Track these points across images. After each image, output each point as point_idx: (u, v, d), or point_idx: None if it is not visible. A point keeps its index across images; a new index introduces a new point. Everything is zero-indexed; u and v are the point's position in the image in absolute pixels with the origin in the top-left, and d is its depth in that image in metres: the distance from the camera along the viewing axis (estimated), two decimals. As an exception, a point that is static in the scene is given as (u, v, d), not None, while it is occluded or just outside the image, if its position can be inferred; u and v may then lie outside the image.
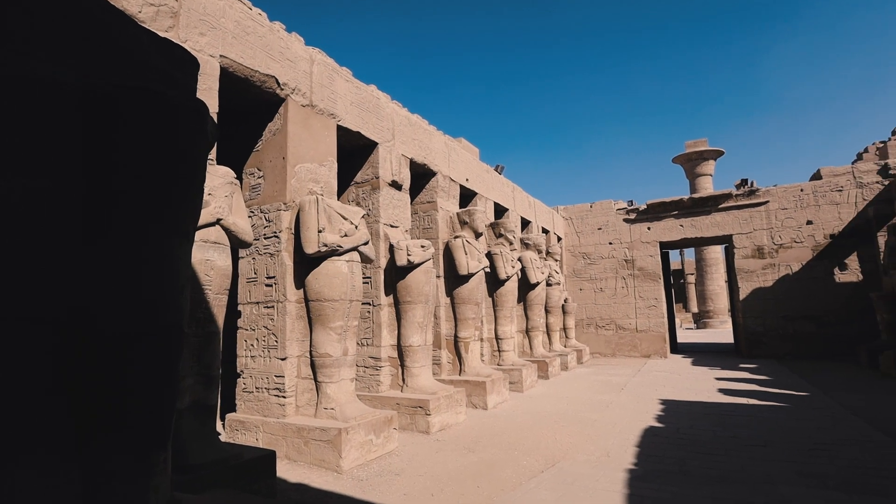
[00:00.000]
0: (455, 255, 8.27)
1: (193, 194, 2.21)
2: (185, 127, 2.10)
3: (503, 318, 10.02)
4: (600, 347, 15.68)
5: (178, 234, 2.06)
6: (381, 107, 7.15)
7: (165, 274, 1.99)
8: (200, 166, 2.31)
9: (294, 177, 5.51)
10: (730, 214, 14.56)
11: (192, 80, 2.41)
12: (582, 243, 16.45)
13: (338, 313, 5.23)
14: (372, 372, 6.65)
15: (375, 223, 6.88)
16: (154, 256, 1.94)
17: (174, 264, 2.04)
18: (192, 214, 2.19)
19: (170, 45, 2.20)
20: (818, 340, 13.08)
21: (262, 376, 5.28)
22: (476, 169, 10.31)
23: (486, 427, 6.42)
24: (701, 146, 25.24)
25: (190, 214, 2.18)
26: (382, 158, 7.04)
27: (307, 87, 5.83)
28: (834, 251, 13.28)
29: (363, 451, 4.90)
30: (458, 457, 5.14)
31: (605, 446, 5.38)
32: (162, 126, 1.99)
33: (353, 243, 5.40)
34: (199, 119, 2.21)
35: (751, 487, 4.07)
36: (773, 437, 5.55)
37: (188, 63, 2.33)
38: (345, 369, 5.33)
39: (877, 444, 5.20)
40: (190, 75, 2.40)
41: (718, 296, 28.08)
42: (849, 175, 13.40)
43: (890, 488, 3.95)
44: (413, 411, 6.17)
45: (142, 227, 1.85)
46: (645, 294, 15.38)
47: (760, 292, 13.96)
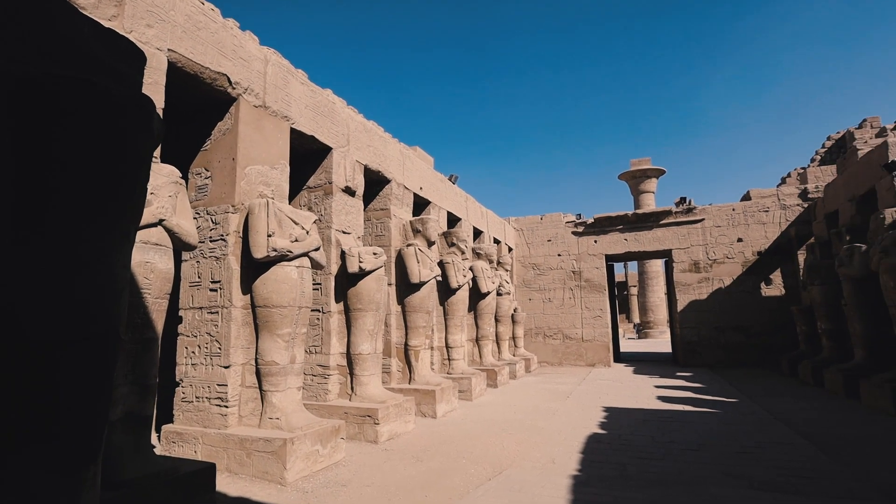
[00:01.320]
0: (407, 262, 8.27)
1: (135, 194, 2.11)
2: (129, 123, 2.01)
3: (454, 327, 10.08)
4: (548, 356, 16.05)
5: (118, 235, 1.96)
6: (336, 111, 7.08)
7: (102, 276, 1.88)
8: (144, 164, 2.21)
9: (244, 179, 5.34)
10: (670, 230, 15.36)
11: (137, 73, 2.31)
12: (532, 254, 16.84)
13: (286, 320, 5.09)
14: (320, 380, 6.51)
15: (327, 229, 6.78)
16: (90, 258, 1.84)
17: (112, 267, 1.93)
18: (133, 214, 2.09)
19: (114, 35, 2.11)
20: (747, 350, 13.97)
21: (203, 385, 5.05)
22: (430, 178, 10.37)
23: (436, 436, 6.41)
24: (645, 164, 26.52)
25: (131, 214, 2.08)
26: (336, 164, 6.96)
27: (260, 87, 5.69)
28: (761, 267, 14.29)
29: (309, 461, 4.78)
30: (407, 466, 5.11)
31: (551, 453, 5.50)
32: (104, 121, 1.90)
33: (303, 249, 5.29)
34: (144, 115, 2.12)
35: (685, 489, 4.28)
36: (705, 442, 5.86)
37: (134, 56, 2.23)
38: (292, 378, 5.19)
39: (796, 446, 5.60)
40: (136, 69, 2.30)
41: (658, 307, 29.47)
42: (774, 197, 14.48)
43: (806, 487, 4.27)
44: (361, 420, 6.08)
45: (78, 227, 1.75)
46: (591, 305, 15.91)
47: (696, 304, 14.77)
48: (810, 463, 4.97)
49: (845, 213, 10.80)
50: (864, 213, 9.86)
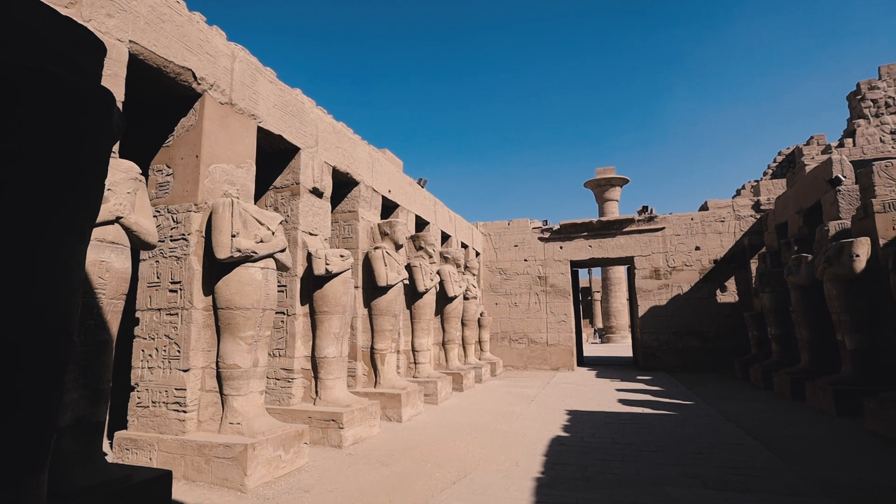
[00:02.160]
0: (374, 265, 8.22)
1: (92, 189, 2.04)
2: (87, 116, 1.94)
3: (420, 331, 10.07)
4: (513, 360, 16.22)
5: (73, 232, 1.89)
6: (305, 112, 6.99)
7: (54, 275, 1.81)
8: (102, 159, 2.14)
9: (208, 177, 5.20)
10: (632, 238, 15.82)
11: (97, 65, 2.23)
12: (499, 259, 17.01)
13: (249, 322, 4.98)
14: (283, 384, 6.38)
15: (294, 230, 6.67)
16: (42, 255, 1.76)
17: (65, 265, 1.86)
18: (89, 211, 2.02)
19: (73, 25, 2.03)
20: (703, 354, 14.51)
21: (160, 389, 4.87)
22: (399, 181, 10.35)
23: (401, 440, 6.38)
24: (609, 173, 27.22)
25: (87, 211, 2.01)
26: (304, 164, 6.86)
27: (227, 84, 5.56)
28: (717, 275, 14.89)
29: (271, 467, 4.68)
30: (371, 471, 5.07)
31: (515, 456, 5.57)
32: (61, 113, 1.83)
33: (268, 250, 5.19)
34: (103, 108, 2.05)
35: (643, 489, 4.41)
36: (663, 443, 6.05)
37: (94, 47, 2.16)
38: (254, 381, 5.07)
39: (746, 446, 5.86)
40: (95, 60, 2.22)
41: (621, 312, 30.24)
42: (729, 208, 15.13)
43: (755, 485, 4.48)
44: (326, 425, 5.99)
45: (32, 223, 1.68)
46: (556, 310, 16.19)
47: (656, 310, 15.25)
48: (759, 462, 5.20)
49: (794, 225, 11.40)
50: (811, 225, 10.43)
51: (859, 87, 21.15)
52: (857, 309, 7.87)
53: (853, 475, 4.71)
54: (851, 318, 7.91)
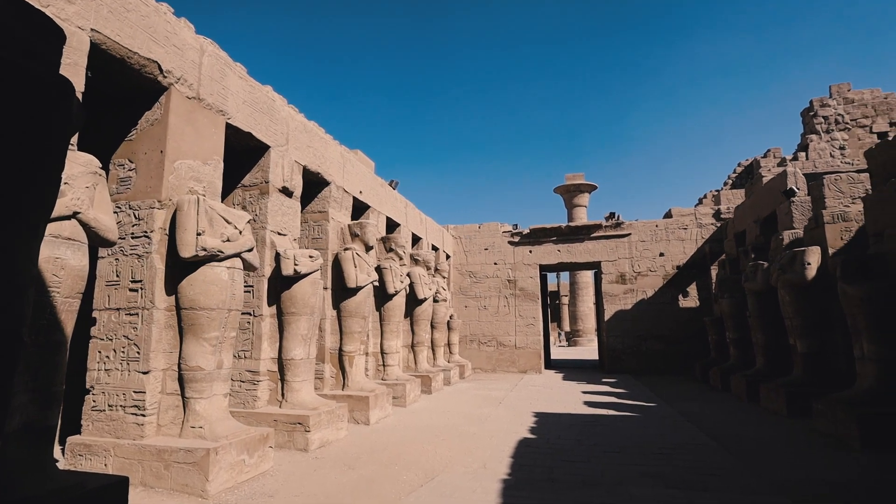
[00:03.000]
0: (344, 267, 8.14)
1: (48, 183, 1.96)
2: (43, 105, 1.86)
3: (390, 333, 10.02)
4: (482, 363, 16.31)
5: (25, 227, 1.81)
6: (276, 109, 6.87)
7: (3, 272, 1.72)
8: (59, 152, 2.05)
9: (173, 173, 5.05)
10: (599, 243, 16.17)
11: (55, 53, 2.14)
12: (469, 262, 17.10)
13: (214, 323, 4.85)
14: (249, 386, 6.23)
15: (262, 229, 6.54)
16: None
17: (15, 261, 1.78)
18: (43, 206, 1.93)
19: (29, 9, 1.95)
20: (665, 357, 14.94)
21: (117, 392, 4.69)
22: (371, 182, 10.29)
23: (368, 443, 6.33)
24: (578, 180, 27.75)
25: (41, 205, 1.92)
26: (274, 163, 6.74)
27: (195, 78, 5.42)
28: (679, 280, 15.37)
29: (234, 472, 4.56)
30: (338, 474, 5.00)
31: (483, 458, 5.60)
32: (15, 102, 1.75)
33: (235, 249, 5.07)
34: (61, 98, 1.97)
35: (607, 490, 4.50)
36: (626, 444, 6.20)
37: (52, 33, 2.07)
38: (218, 384, 4.94)
39: (704, 446, 6.06)
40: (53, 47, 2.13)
41: (588, 316, 30.83)
42: (692, 216, 15.66)
43: (712, 484, 4.64)
44: (292, 428, 5.88)
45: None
46: (525, 313, 16.37)
47: (621, 314, 15.62)
48: (717, 462, 5.39)
49: (751, 233, 11.88)
50: (767, 234, 10.89)
51: (812, 104, 22.25)
52: (808, 314, 8.26)
53: (803, 474, 4.94)
54: (803, 323, 8.30)
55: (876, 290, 6.37)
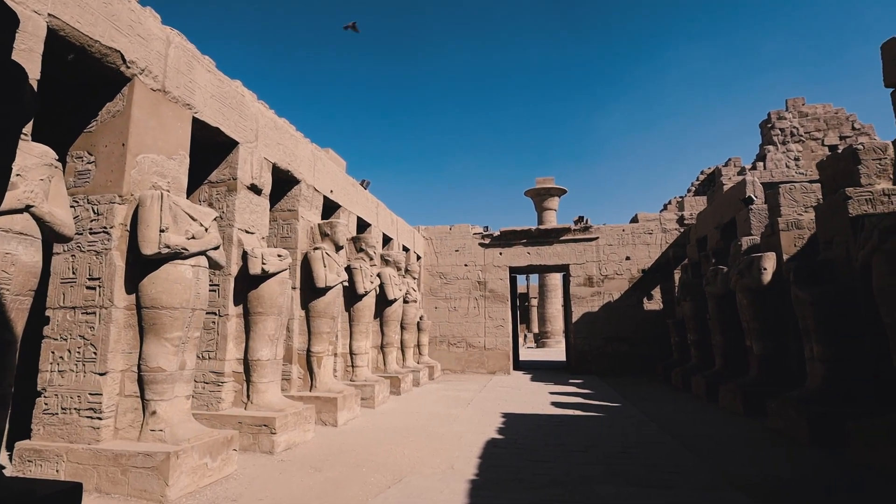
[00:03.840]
0: (313, 266, 8.03)
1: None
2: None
3: (359, 334, 9.93)
4: (451, 364, 16.35)
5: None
6: (245, 104, 6.72)
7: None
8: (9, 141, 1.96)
9: (135, 167, 4.88)
10: (568, 246, 16.45)
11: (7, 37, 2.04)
12: (440, 263, 17.12)
13: (177, 323, 4.70)
14: (213, 388, 6.07)
15: (229, 227, 6.38)
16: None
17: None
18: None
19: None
20: (630, 359, 15.32)
21: (72, 394, 4.49)
22: (342, 181, 10.18)
23: (336, 444, 6.26)
24: (548, 183, 28.17)
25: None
26: (242, 159, 6.60)
27: (160, 70, 5.25)
28: (644, 283, 15.79)
29: (196, 476, 4.43)
30: (304, 477, 4.93)
31: (451, 459, 5.61)
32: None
33: (200, 247, 4.94)
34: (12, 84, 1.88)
35: (572, 488, 4.59)
36: (592, 444, 6.33)
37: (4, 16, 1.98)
38: (180, 385, 4.79)
39: (666, 445, 6.25)
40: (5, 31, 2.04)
41: (556, 318, 31.31)
42: (657, 221, 16.12)
43: (673, 481, 4.78)
44: (257, 430, 5.76)
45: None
46: (494, 314, 16.50)
47: (588, 316, 15.93)
48: (678, 460, 5.56)
49: (712, 239, 12.32)
50: (727, 239, 11.31)
51: (770, 116, 23.25)
52: (764, 317, 8.62)
53: (758, 470, 5.15)
54: (759, 325, 8.66)
55: (825, 295, 6.71)
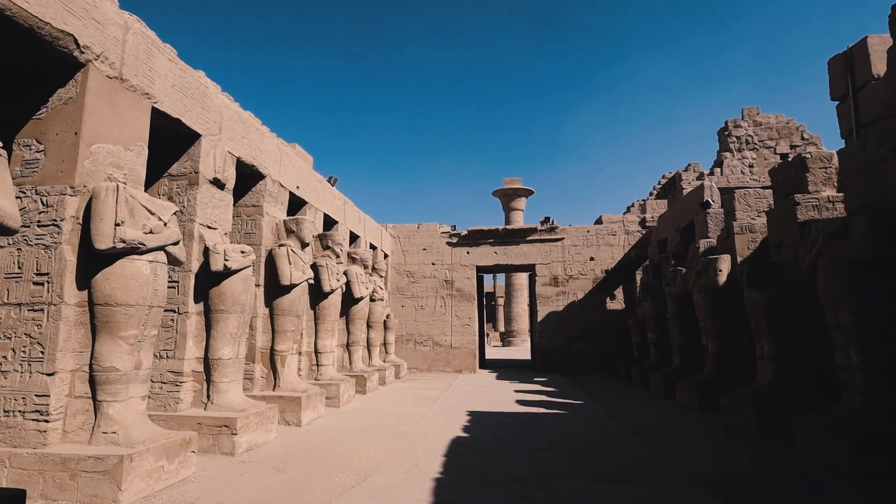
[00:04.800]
0: (278, 263, 7.87)
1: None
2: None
3: (324, 332, 9.80)
4: (418, 363, 16.34)
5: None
6: (208, 96, 6.52)
7: None
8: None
9: (89, 158, 4.65)
10: (534, 246, 16.70)
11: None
12: (407, 262, 17.08)
13: (133, 320, 4.52)
14: (171, 388, 5.86)
15: (190, 222, 6.18)
16: None
17: None
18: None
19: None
20: (593, 357, 15.68)
21: (16, 396, 4.25)
22: (308, 178, 10.02)
23: (299, 444, 6.16)
24: (516, 184, 28.51)
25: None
26: (205, 152, 6.40)
27: (117, 57, 5.03)
28: (607, 284, 16.19)
29: (151, 479, 4.28)
30: (266, 478, 4.83)
31: (416, 458, 5.61)
32: None
33: (159, 242, 4.76)
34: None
35: (535, 485, 4.66)
36: (555, 441, 6.45)
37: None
38: (135, 385, 4.61)
39: (626, 441, 6.43)
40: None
41: (522, 317, 31.73)
42: (620, 223, 16.55)
43: (632, 476, 4.93)
44: (217, 431, 5.60)
45: None
46: (461, 313, 16.58)
47: (553, 315, 16.21)
48: (637, 455, 5.74)
49: (672, 241, 12.75)
50: (686, 242, 11.73)
51: (727, 124, 24.22)
52: (719, 317, 8.98)
53: (712, 463, 5.37)
54: (714, 325, 9.02)
55: (775, 296, 7.05)
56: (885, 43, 5.90)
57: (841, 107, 6.71)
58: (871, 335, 5.20)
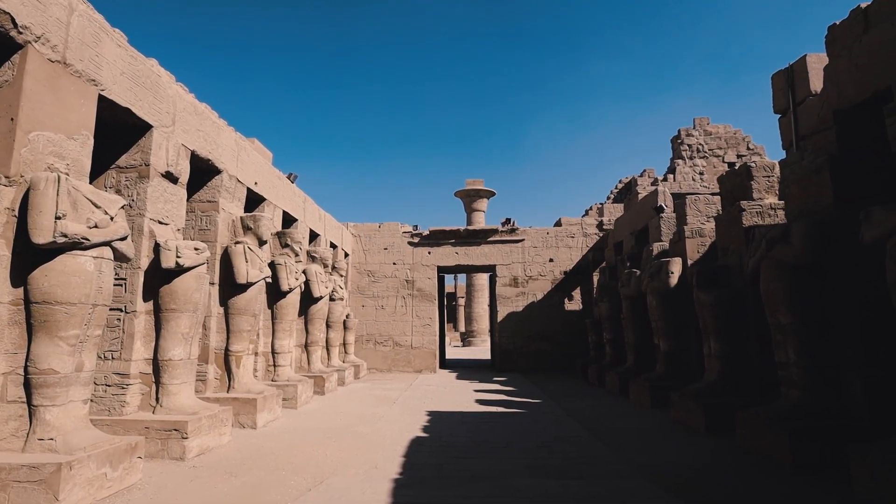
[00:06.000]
0: (234, 261, 7.63)
1: None
2: None
3: (282, 332, 9.58)
4: (378, 363, 16.20)
5: None
6: (161, 86, 6.24)
7: None
8: None
9: (27, 146, 4.37)
10: (496, 247, 16.88)
11: None
12: (368, 261, 16.92)
13: (74, 320, 4.27)
14: (116, 391, 5.58)
15: (140, 217, 5.90)
16: None
17: None
18: None
19: None
20: (551, 356, 16.00)
21: (-61, 401, 3.93)
22: (267, 174, 9.76)
23: (254, 447, 5.99)
24: (478, 185, 28.72)
25: None
26: (157, 144, 6.12)
27: (60, 39, 4.74)
28: (566, 285, 16.56)
29: (93, 488, 4.05)
30: (218, 483, 4.67)
31: (374, 459, 5.57)
32: None
33: (104, 237, 4.52)
34: None
35: (493, 483, 4.71)
36: (513, 439, 6.54)
37: None
38: (76, 388, 4.36)
39: (582, 438, 6.60)
40: None
41: (482, 317, 31.99)
42: (579, 226, 16.97)
43: (587, 472, 5.06)
44: (167, 435, 5.37)
45: None
46: (421, 313, 16.56)
47: (513, 316, 16.44)
48: (592, 452, 5.90)
49: (627, 244, 13.17)
50: (641, 245, 12.14)
51: (680, 133, 25.24)
52: (670, 317, 9.35)
53: (660, 458, 5.58)
54: (666, 325, 9.38)
55: (721, 297, 7.41)
56: (822, 62, 6.30)
57: (783, 120, 7.11)
58: (807, 334, 5.54)
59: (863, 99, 5.29)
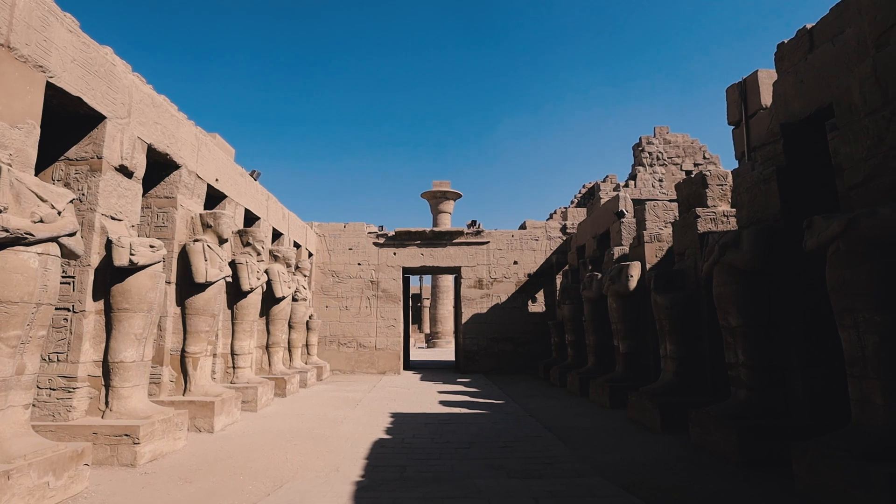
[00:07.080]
0: (193, 260, 7.38)
1: None
2: None
3: (242, 333, 9.33)
4: (341, 364, 16.00)
5: None
6: (116, 75, 5.99)
7: None
8: None
9: (-34, 134, 4.10)
10: (461, 249, 16.97)
11: None
12: (333, 261, 16.70)
13: (15, 319, 4.03)
14: (61, 395, 5.30)
15: (91, 212, 5.63)
16: None
17: None
18: None
19: None
20: (515, 358, 16.20)
21: None
22: (229, 170, 9.50)
23: (211, 452, 5.81)
24: (445, 187, 28.81)
25: None
26: (111, 136, 5.86)
27: (4, 21, 4.48)
28: (530, 287, 16.81)
29: (33, 498, 3.84)
30: (171, 490, 4.51)
31: (336, 461, 5.50)
32: None
33: (51, 233, 4.29)
34: None
35: (455, 484, 4.74)
36: (475, 440, 6.59)
37: None
38: (16, 393, 4.12)
39: (542, 438, 6.71)
40: None
41: (447, 319, 32.06)
42: (543, 229, 17.26)
43: (546, 471, 5.15)
44: (117, 441, 5.14)
45: None
46: (386, 314, 16.47)
47: (478, 317, 16.55)
48: (552, 451, 6.00)
49: (590, 247, 13.50)
50: (603, 248, 12.47)
51: (641, 140, 26.05)
52: (629, 320, 9.63)
53: (618, 456, 5.74)
54: (625, 327, 9.65)
55: (677, 300, 7.69)
56: (772, 77, 6.65)
57: (736, 131, 7.46)
58: (755, 336, 5.82)
59: (808, 114, 5.62)
